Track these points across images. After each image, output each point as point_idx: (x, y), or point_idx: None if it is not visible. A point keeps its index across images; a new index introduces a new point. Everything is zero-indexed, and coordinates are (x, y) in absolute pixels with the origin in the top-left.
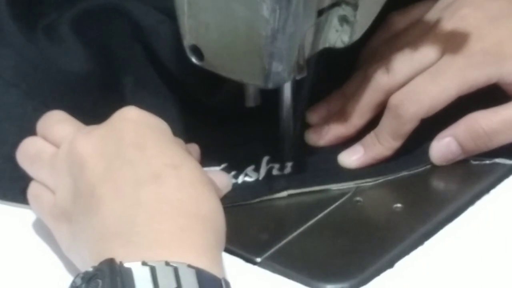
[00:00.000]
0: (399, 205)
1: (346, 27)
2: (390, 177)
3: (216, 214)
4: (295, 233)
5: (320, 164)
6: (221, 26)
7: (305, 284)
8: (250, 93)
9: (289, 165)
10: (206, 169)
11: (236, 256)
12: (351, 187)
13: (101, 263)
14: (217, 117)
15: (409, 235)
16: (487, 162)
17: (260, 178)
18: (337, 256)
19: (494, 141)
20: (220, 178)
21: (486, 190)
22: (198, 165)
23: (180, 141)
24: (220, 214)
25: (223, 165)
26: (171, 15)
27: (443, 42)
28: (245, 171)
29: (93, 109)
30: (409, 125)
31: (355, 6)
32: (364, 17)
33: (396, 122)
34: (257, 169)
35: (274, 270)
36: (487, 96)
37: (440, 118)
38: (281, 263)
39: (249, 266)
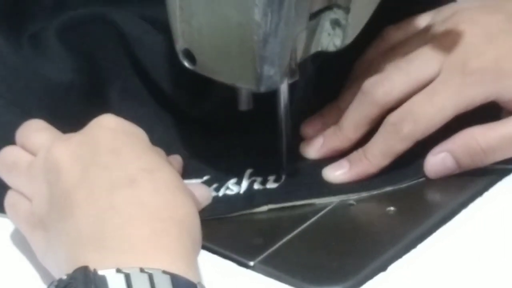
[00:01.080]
0: (392, 208)
1: (338, 31)
2: (375, 192)
3: (192, 219)
4: (288, 237)
5: (304, 178)
6: (213, 30)
7: None
8: (243, 96)
9: (271, 178)
10: (187, 181)
11: (229, 259)
12: (333, 201)
13: (75, 271)
14: (203, 127)
15: (402, 238)
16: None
17: (241, 191)
18: (330, 259)
19: (490, 157)
20: (200, 191)
21: (479, 193)
22: (173, 171)
23: (159, 150)
24: (196, 218)
25: (205, 177)
26: (157, 25)
27: (440, 58)
28: (226, 184)
29: (77, 119)
30: (403, 145)
31: (347, 10)
32: (356, 21)
33: (391, 140)
34: (239, 182)
35: (268, 274)
36: (485, 110)
37: (435, 131)
38: (275, 267)
39: (242, 269)
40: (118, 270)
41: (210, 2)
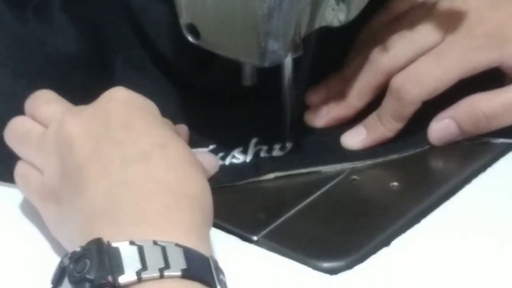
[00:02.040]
0: (395, 183)
1: (342, 6)
2: (380, 159)
3: (204, 193)
4: (291, 212)
5: (309, 146)
6: (217, 4)
7: (302, 262)
8: (246, 71)
9: (277, 147)
10: (193, 150)
11: (233, 234)
12: (339, 170)
13: (88, 243)
14: (207, 98)
15: (405, 213)
16: (488, 140)
17: (247, 160)
18: (334, 234)
19: (494, 123)
20: (208, 159)
21: (483, 168)
22: (185, 145)
23: (168, 122)
24: (208, 193)
25: (211, 146)
26: None
27: (444, 24)
28: (232, 153)
29: (82, 88)
30: (411, 107)
31: None
32: None
33: (398, 104)
34: (244, 151)
35: (271, 249)
36: (487, 77)
37: (440, 99)
38: (278, 242)
39: (246, 244)
40: (132, 243)
41: None
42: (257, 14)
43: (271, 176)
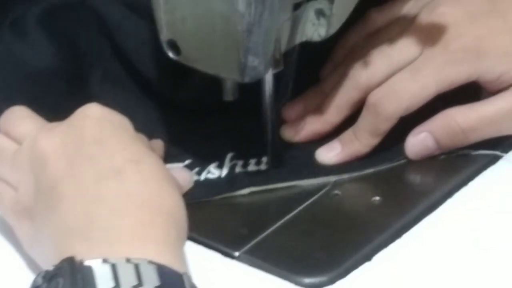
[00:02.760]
0: (377, 198)
1: (322, 21)
2: (356, 173)
3: (178, 209)
4: (273, 227)
5: (285, 161)
6: (197, 21)
7: (284, 278)
8: (227, 87)
9: (252, 161)
10: (168, 165)
11: (214, 250)
12: (314, 184)
13: (61, 262)
14: (184, 112)
15: (387, 228)
16: (467, 153)
17: (223, 175)
18: (316, 249)
19: (470, 137)
20: (182, 175)
21: (464, 182)
22: (159, 161)
23: (142, 137)
24: (182, 208)
25: (187, 161)
26: (137, 11)
27: (422, 39)
28: (208, 168)
29: (59, 105)
30: (387, 123)
31: (331, 0)
32: (341, 11)
33: (375, 119)
34: (220, 166)
35: (253, 264)
36: (465, 91)
37: (416, 113)
38: (260, 257)
39: (228, 260)
40: (105, 261)
41: None
42: (237, 30)
43: (246, 191)
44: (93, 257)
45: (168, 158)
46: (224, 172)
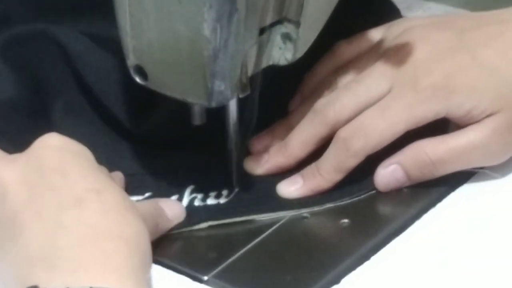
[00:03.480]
0: (346, 220)
1: (289, 45)
2: (319, 207)
3: (141, 237)
4: (242, 251)
5: (246, 194)
6: (163, 46)
7: None
8: (195, 111)
9: (212, 194)
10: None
11: (182, 274)
12: (274, 219)
13: None
14: (146, 144)
15: (355, 250)
16: None
17: None
18: (284, 273)
19: (440, 170)
20: (172, 207)
21: (433, 204)
22: (121, 190)
23: (103, 168)
24: (145, 236)
25: (147, 194)
26: (100, 42)
27: (390, 75)
28: None
29: (20, 136)
30: (354, 160)
31: (297, 24)
32: (307, 34)
33: (342, 155)
34: (180, 199)
35: None
36: (435, 122)
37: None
38: (229, 281)
39: (196, 284)
40: None
41: (159, 18)
42: (203, 55)
43: (204, 225)
44: (56, 286)
45: (128, 190)
46: (184, 205)
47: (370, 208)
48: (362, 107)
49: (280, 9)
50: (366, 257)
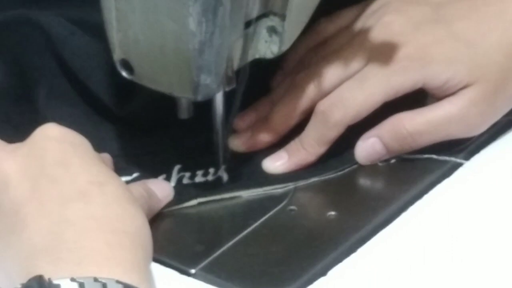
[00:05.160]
0: (332, 212)
1: (275, 38)
2: (305, 181)
3: (143, 230)
4: (229, 244)
5: (233, 172)
6: (149, 40)
7: None
8: (182, 105)
9: (200, 173)
10: (149, 180)
11: (170, 267)
12: (260, 193)
13: (29, 280)
14: (130, 126)
15: (342, 242)
16: (419, 157)
17: None
18: (271, 265)
19: (418, 141)
20: (161, 187)
21: (420, 195)
22: (122, 183)
23: (100, 157)
24: (147, 229)
25: (134, 175)
26: (84, 27)
27: (368, 49)
28: None
29: (5, 121)
30: (335, 131)
31: (282, 17)
32: (293, 27)
33: (322, 128)
34: (168, 178)
35: (209, 281)
36: (413, 96)
37: (365, 120)
38: (216, 274)
39: (184, 277)
40: (73, 279)
41: (145, 13)
42: (188, 49)
43: (194, 202)
44: (61, 277)
45: (116, 171)
46: (172, 184)
47: (357, 201)
48: (341, 80)
49: (266, 2)
50: (353, 249)
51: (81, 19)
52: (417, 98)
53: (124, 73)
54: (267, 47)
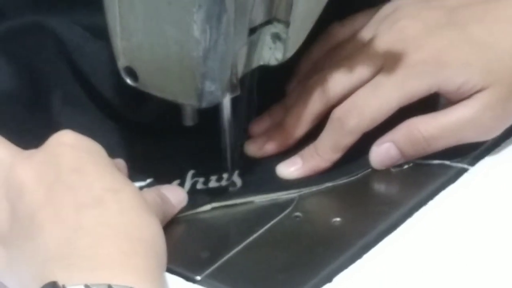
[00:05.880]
0: (338, 219)
1: (279, 45)
2: (317, 187)
3: (157, 238)
4: (235, 250)
5: (246, 177)
6: (154, 48)
7: None
8: (187, 112)
9: (213, 178)
10: (162, 186)
11: (175, 274)
12: (273, 199)
13: (43, 286)
14: (144, 131)
15: (347, 248)
16: (431, 162)
17: None
18: (277, 272)
19: (433, 146)
20: (175, 193)
21: (424, 202)
22: (137, 190)
23: (118, 163)
24: (161, 237)
25: (148, 180)
26: (96, 32)
27: (382, 54)
28: None
29: (19, 128)
30: (350, 138)
31: (286, 23)
32: (297, 34)
33: (338, 134)
34: (182, 184)
35: None
36: (428, 101)
37: (378, 127)
38: (221, 281)
39: (189, 284)
40: (87, 286)
41: (149, 20)
42: (192, 56)
43: (208, 207)
44: (75, 283)
45: (129, 177)
46: (186, 189)
47: (362, 207)
48: (356, 84)
49: (270, 9)
50: (358, 255)
51: (94, 26)
52: (428, 102)
53: (128, 81)
54: (271, 54)
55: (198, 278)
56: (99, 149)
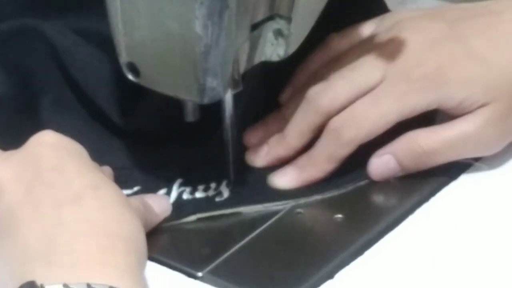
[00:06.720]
0: (339, 215)
1: (281, 41)
2: (306, 199)
3: (137, 235)
4: (236, 246)
5: (234, 187)
6: (155, 43)
7: None
8: (188, 108)
9: (200, 188)
10: (146, 195)
11: (177, 270)
12: (261, 210)
13: (22, 286)
14: (133, 139)
15: (349, 245)
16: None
17: (170, 202)
18: (278, 268)
19: (433, 160)
20: (159, 202)
21: (426, 198)
22: (117, 187)
23: (96, 165)
24: (141, 234)
25: (135, 188)
26: (87, 37)
27: (383, 65)
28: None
29: (9, 131)
30: (346, 150)
31: (289, 19)
32: (299, 30)
33: (334, 145)
34: (168, 193)
35: (216, 284)
36: (426, 112)
37: (377, 138)
38: (223, 277)
39: (191, 280)
40: (65, 286)
41: (151, 16)
42: (194, 51)
43: (192, 218)
44: (54, 281)
45: (117, 184)
46: (172, 199)
47: (364, 203)
48: (355, 96)
49: (272, 5)
50: (360, 252)
51: (86, 30)
52: (426, 114)
53: (130, 76)
54: (273, 50)
55: (200, 274)
56: (80, 149)
